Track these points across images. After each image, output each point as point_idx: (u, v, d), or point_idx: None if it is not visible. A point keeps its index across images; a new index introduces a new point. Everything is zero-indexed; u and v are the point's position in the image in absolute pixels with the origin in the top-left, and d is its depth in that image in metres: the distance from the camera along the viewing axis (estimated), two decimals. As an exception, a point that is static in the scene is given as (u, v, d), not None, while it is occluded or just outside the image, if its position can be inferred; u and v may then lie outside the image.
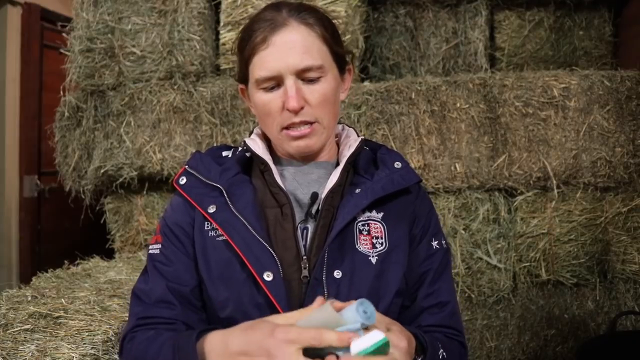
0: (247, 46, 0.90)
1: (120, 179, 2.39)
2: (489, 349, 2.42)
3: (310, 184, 0.95)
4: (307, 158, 0.96)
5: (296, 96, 0.86)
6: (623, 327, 2.39)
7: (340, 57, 0.95)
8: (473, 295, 2.41)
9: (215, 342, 0.76)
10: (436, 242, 0.97)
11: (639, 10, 2.77)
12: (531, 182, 2.38)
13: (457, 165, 2.37)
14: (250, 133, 1.02)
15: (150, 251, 0.93)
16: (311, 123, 0.90)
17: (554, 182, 2.35)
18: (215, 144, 2.36)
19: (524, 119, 2.37)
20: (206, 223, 0.91)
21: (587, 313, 2.44)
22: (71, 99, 2.46)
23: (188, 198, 0.92)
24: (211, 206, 0.89)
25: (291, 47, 0.87)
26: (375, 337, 0.68)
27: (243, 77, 0.95)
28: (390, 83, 2.42)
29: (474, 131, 2.38)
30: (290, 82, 0.87)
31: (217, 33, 2.52)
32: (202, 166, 0.95)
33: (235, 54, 0.96)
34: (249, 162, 0.98)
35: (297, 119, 0.88)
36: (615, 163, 2.37)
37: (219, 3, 2.49)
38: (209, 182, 0.92)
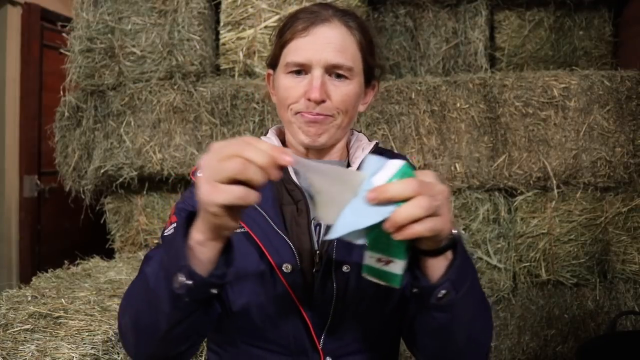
0: (287, 31, 0.93)
1: (120, 179, 2.39)
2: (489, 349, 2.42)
3: None
4: (319, 155, 0.98)
5: (320, 88, 0.89)
6: (623, 327, 2.39)
7: (370, 68, 0.98)
8: (473, 295, 2.40)
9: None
10: None
11: (639, 10, 2.77)
12: (531, 182, 2.38)
13: (457, 165, 2.37)
14: (265, 133, 1.05)
15: (166, 233, 0.91)
16: (326, 116, 0.92)
17: (554, 182, 2.35)
18: (215, 144, 2.36)
19: (524, 119, 2.37)
20: None
21: (587, 313, 2.44)
22: (71, 99, 2.46)
23: None
24: None
25: (328, 42, 0.90)
26: (394, 164, 0.63)
27: (274, 61, 0.97)
28: (390, 83, 2.42)
29: (474, 131, 2.38)
30: (317, 73, 0.90)
31: (217, 33, 2.52)
32: None
33: (272, 40, 0.99)
34: None
35: (313, 111, 0.90)
36: (615, 163, 2.37)
37: (219, 3, 2.49)
38: None
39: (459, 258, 0.70)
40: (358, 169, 0.92)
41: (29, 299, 1.53)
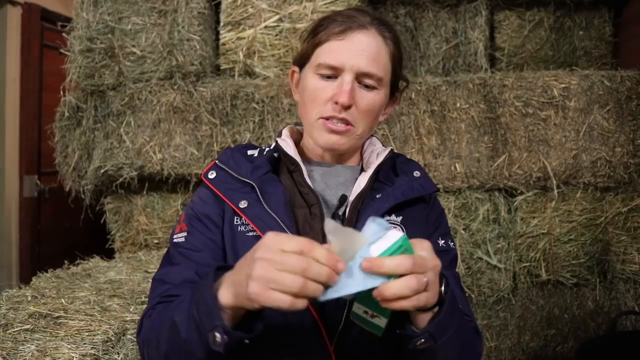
0: (322, 31, 0.93)
1: (120, 179, 2.39)
2: (489, 349, 2.42)
3: (337, 186, 0.97)
4: (335, 159, 0.99)
5: (349, 93, 0.89)
6: (623, 327, 2.39)
7: (396, 80, 0.99)
8: (473, 295, 2.41)
9: (228, 273, 0.74)
10: (443, 242, 0.98)
11: (639, 10, 2.77)
12: (531, 182, 2.38)
13: (457, 165, 2.37)
14: (279, 134, 1.04)
15: (175, 240, 0.93)
16: (348, 124, 0.92)
17: (554, 182, 2.35)
18: (215, 144, 2.36)
19: (524, 119, 2.37)
20: (236, 218, 0.92)
21: (587, 313, 2.44)
22: (71, 99, 2.46)
23: (217, 192, 0.93)
24: (242, 201, 0.90)
25: (364, 49, 0.90)
26: (394, 236, 0.66)
27: (303, 59, 0.97)
28: (390, 83, 2.42)
29: (474, 131, 2.38)
30: (348, 78, 0.90)
31: (217, 33, 2.52)
32: (233, 162, 0.97)
33: (304, 38, 0.99)
34: (276, 163, 0.99)
35: (339, 115, 0.90)
36: (615, 163, 2.37)
37: (219, 3, 2.49)
38: (241, 178, 0.93)
39: (443, 314, 0.74)
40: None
41: (29, 299, 1.53)
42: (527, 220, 2.42)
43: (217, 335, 0.69)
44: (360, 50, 0.90)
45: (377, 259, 0.65)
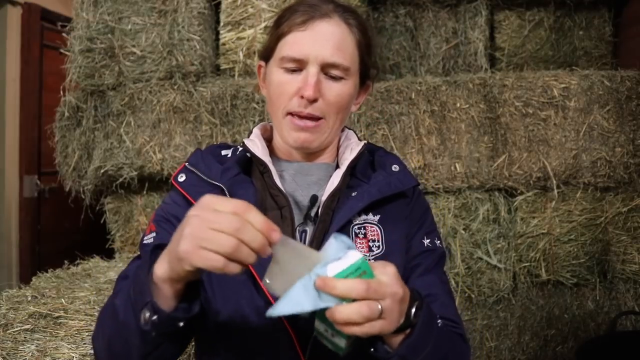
0: (284, 23, 0.89)
1: (120, 179, 2.39)
2: (489, 349, 2.43)
3: (309, 185, 0.93)
4: (307, 157, 0.95)
5: (314, 86, 0.85)
6: (623, 327, 2.39)
7: (366, 68, 0.95)
8: (473, 295, 2.41)
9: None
10: (428, 241, 0.95)
11: (639, 10, 2.77)
12: (531, 182, 2.38)
13: (457, 165, 2.37)
14: (249, 134, 1.01)
15: (145, 241, 0.89)
16: (318, 119, 0.89)
17: (554, 182, 2.35)
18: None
19: (524, 119, 2.37)
20: None
21: (587, 313, 2.44)
22: (71, 99, 2.46)
23: (187, 196, 0.90)
24: None
25: (327, 38, 0.87)
26: (352, 257, 0.64)
27: (267, 53, 0.94)
28: (390, 83, 2.42)
29: (474, 131, 2.38)
30: (313, 70, 0.86)
31: (217, 33, 2.52)
32: (203, 164, 0.93)
33: (269, 31, 0.96)
34: (249, 163, 0.96)
35: (306, 110, 0.87)
36: (615, 163, 2.37)
37: (219, 3, 2.49)
38: (210, 181, 0.90)
39: (414, 336, 0.71)
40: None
41: (29, 299, 1.53)
42: (527, 220, 2.42)
43: (147, 313, 0.67)
44: (323, 40, 0.86)
45: (331, 280, 0.62)
